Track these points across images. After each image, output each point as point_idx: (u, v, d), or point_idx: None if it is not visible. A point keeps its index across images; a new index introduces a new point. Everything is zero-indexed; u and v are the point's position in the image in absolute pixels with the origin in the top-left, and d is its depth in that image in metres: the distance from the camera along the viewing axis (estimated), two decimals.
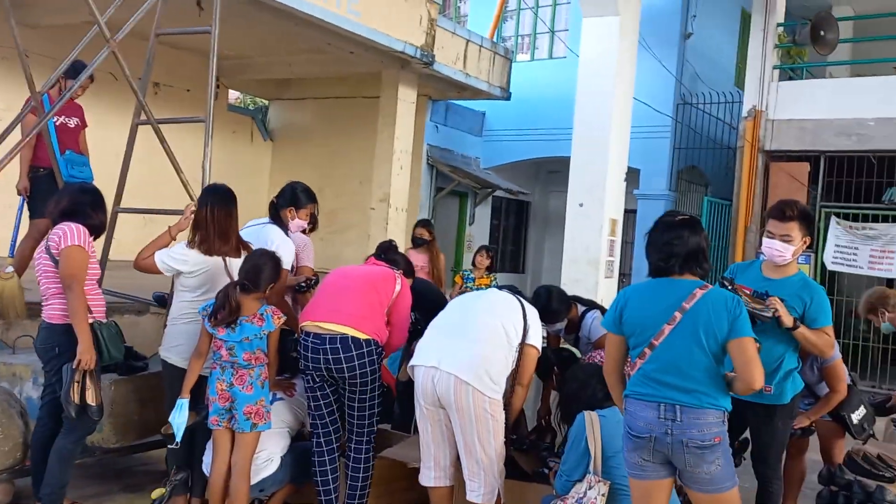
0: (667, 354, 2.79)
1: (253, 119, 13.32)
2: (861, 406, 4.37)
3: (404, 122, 10.30)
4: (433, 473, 3.70)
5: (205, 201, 3.95)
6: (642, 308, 2.89)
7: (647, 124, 11.01)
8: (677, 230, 2.92)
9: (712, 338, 2.76)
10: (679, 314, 2.78)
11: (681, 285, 2.86)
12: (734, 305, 2.82)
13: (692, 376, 2.76)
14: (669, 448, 2.75)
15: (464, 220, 13.50)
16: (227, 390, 3.64)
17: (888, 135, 9.74)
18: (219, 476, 3.66)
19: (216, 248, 3.87)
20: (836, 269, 10.20)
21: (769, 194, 10.57)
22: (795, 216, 3.65)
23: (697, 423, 2.72)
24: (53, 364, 3.65)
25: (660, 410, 2.77)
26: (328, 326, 3.74)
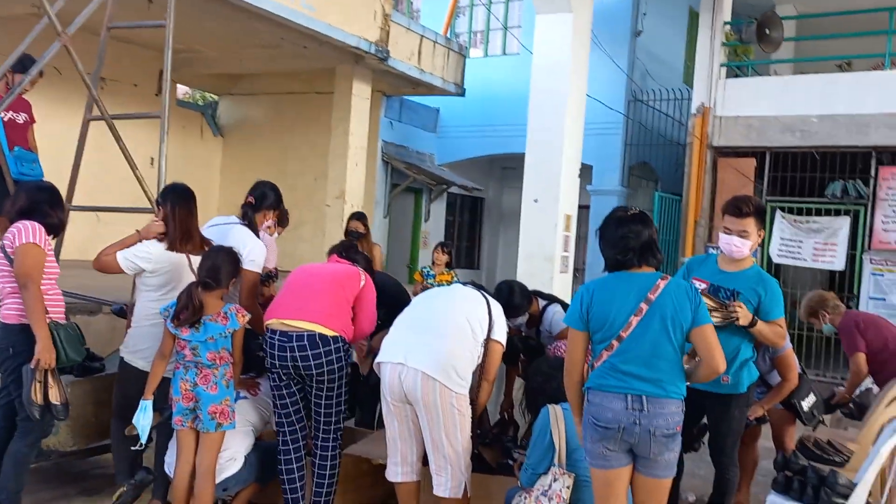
0: (634, 345, 2.84)
1: (203, 114, 13.09)
2: (811, 394, 4.53)
3: (359, 119, 10.26)
4: (400, 469, 3.71)
5: (166, 200, 3.91)
6: (608, 302, 2.92)
7: (599, 121, 11.18)
8: (630, 225, 2.98)
9: (678, 327, 2.83)
10: (645, 305, 2.83)
11: (643, 277, 2.92)
12: (694, 294, 2.92)
13: (658, 366, 2.82)
14: (637, 437, 2.80)
15: (419, 216, 13.51)
16: (191, 390, 3.58)
17: (830, 131, 10.07)
18: (183, 476, 3.60)
19: (179, 247, 3.83)
20: (781, 262, 10.50)
21: (717, 189, 10.84)
22: (751, 212, 3.77)
23: (663, 413, 2.79)
24: (8, 365, 3.54)
25: (627, 401, 2.82)
26: (295, 324, 3.71)
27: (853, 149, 10.05)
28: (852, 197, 10.19)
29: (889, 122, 9.76)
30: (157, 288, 3.84)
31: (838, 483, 3.33)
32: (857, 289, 10.07)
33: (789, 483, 3.47)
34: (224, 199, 12.78)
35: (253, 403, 3.89)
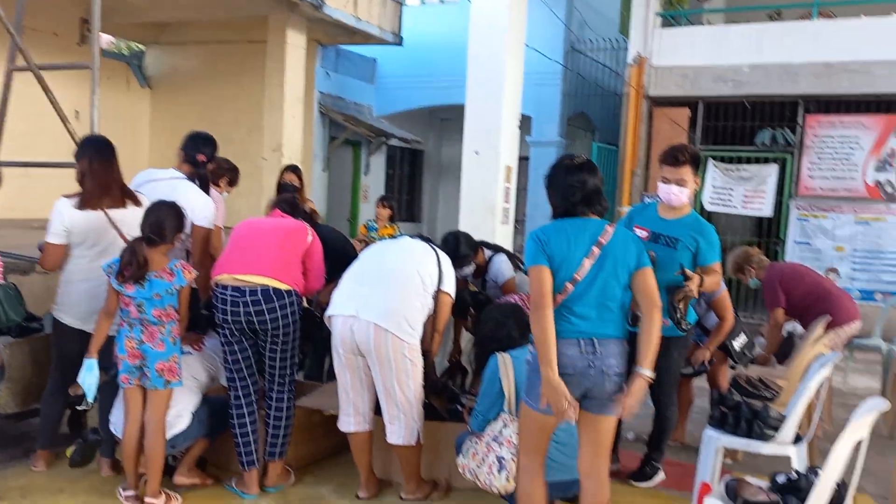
0: (587, 287, 2.89)
1: (129, 65, 12.57)
2: (741, 334, 4.75)
3: (294, 69, 10.01)
4: (353, 419, 3.75)
5: (83, 154, 3.78)
6: (563, 244, 2.94)
7: (538, 71, 11.17)
8: (578, 173, 3.02)
9: (625, 270, 2.92)
10: (597, 249, 2.89)
11: (592, 223, 2.98)
12: (638, 240, 3.06)
13: (609, 308, 2.90)
14: (592, 380, 2.86)
15: (358, 170, 13.37)
16: (138, 348, 3.51)
17: (761, 80, 10.33)
18: (132, 435, 3.56)
19: (96, 203, 3.71)
20: (713, 210, 10.82)
21: (653, 139, 11.04)
22: (688, 160, 3.88)
23: (614, 353, 2.87)
24: None
25: (580, 346, 2.87)
26: (247, 278, 3.67)
27: (782, 98, 10.35)
28: (781, 145, 10.53)
29: (816, 70, 10.06)
30: (76, 246, 3.75)
31: (770, 416, 3.51)
32: (783, 234, 10.48)
33: (724, 418, 3.64)
34: (154, 152, 12.38)
35: (198, 359, 3.84)
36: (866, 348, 7.12)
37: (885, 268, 9.99)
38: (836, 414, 5.65)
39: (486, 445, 3.43)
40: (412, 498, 3.78)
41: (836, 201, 10.15)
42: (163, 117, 12.57)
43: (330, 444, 4.35)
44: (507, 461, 3.33)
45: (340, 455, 4.36)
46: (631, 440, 4.90)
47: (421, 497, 3.80)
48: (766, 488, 2.81)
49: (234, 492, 3.77)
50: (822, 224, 10.26)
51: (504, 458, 3.34)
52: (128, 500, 3.56)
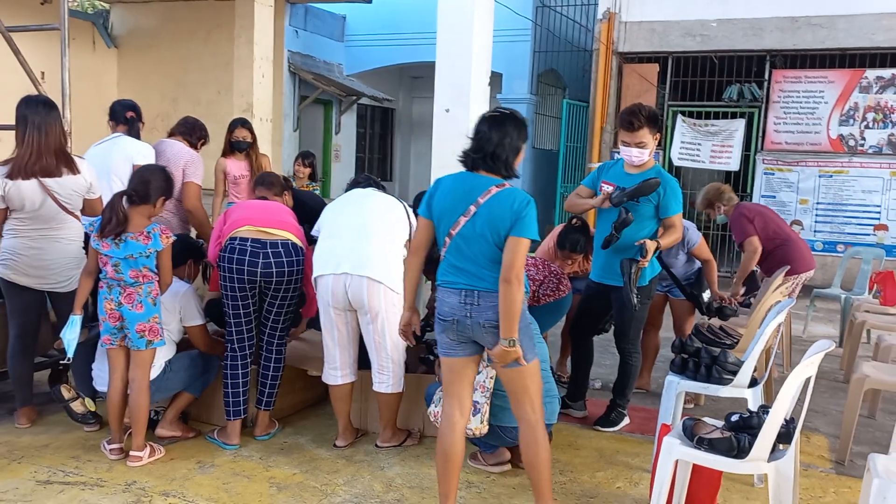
0: (463, 244, 2.92)
1: (94, 24, 12.33)
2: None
3: (263, 27, 9.87)
4: (339, 373, 3.89)
5: (18, 119, 3.78)
6: (445, 198, 2.96)
7: (507, 27, 11.15)
8: (481, 125, 2.95)
9: (495, 233, 2.87)
10: (474, 208, 2.88)
11: (480, 181, 2.93)
12: (521, 207, 2.85)
13: (483, 265, 2.90)
14: (470, 329, 2.94)
15: (329, 129, 13.33)
16: (116, 309, 3.57)
17: (728, 35, 10.44)
18: (116, 392, 3.65)
19: (27, 172, 3.75)
20: (681, 165, 11.00)
21: (622, 95, 11.13)
22: (643, 123, 3.97)
23: (493, 307, 2.87)
24: None
25: (461, 296, 2.91)
26: (271, 231, 3.83)
27: (749, 52, 10.48)
28: (747, 100, 10.69)
29: (782, 25, 10.18)
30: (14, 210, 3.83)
31: (728, 361, 3.69)
32: (750, 188, 10.70)
33: (685, 364, 3.82)
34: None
35: (168, 310, 3.81)
36: (826, 297, 7.39)
37: (847, 220, 10.27)
38: (795, 360, 5.88)
39: None
40: (387, 445, 3.94)
41: (800, 155, 10.38)
42: (130, 77, 12.41)
43: (307, 397, 4.50)
44: (481, 404, 3.48)
45: (317, 407, 4.51)
46: (597, 388, 5.10)
47: (395, 444, 3.95)
48: (721, 427, 2.99)
49: (215, 443, 3.90)
50: (787, 177, 10.49)
51: (478, 403, 3.48)
52: (112, 452, 3.67)
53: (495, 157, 2.91)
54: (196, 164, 4.72)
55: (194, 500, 3.31)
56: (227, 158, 5.67)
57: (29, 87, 4.67)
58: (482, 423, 3.49)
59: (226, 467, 3.66)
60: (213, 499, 3.33)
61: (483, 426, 3.50)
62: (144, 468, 3.59)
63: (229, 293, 3.84)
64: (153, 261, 3.61)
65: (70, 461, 3.63)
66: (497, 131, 2.91)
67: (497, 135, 2.91)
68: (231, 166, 5.64)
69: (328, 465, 3.75)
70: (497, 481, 3.64)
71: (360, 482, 3.56)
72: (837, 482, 3.79)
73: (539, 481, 3.08)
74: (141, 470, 3.57)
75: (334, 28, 13.09)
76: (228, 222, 3.93)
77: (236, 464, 3.71)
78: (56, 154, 3.80)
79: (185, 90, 11.98)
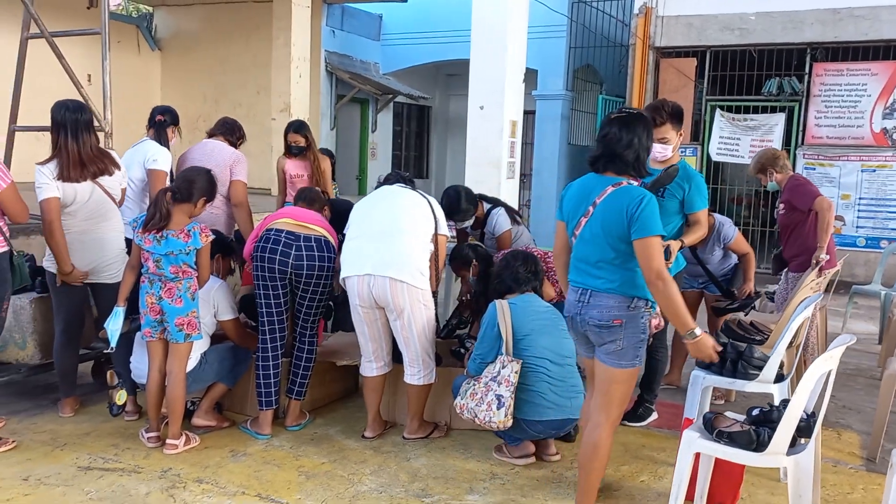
0: (582, 244, 3.02)
1: (138, 28, 12.66)
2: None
3: (300, 28, 10.05)
4: (375, 365, 4.01)
5: (56, 121, 3.91)
6: (571, 201, 3.06)
7: (543, 24, 11.15)
8: (609, 127, 2.98)
9: (609, 233, 2.91)
10: (592, 208, 2.95)
11: (600, 182, 2.99)
12: (634, 206, 2.82)
13: (597, 265, 2.97)
14: (580, 326, 3.04)
15: (366, 127, 13.46)
16: (157, 303, 3.72)
17: (767, 28, 10.27)
18: (154, 383, 3.81)
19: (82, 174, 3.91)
20: (720, 160, 10.87)
21: (659, 90, 11.03)
22: (666, 119, 3.93)
23: (599, 306, 2.95)
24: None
25: (577, 294, 3.02)
26: (307, 225, 3.97)
27: (789, 45, 10.30)
28: (787, 94, 10.51)
29: (822, 17, 9.99)
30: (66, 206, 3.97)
31: (754, 356, 3.68)
32: None
33: None
34: None
35: (203, 304, 3.94)
36: (867, 294, 7.25)
37: (891, 215, 10.05)
38: None
39: (484, 385, 3.64)
40: (414, 437, 4.02)
41: (842, 149, 10.17)
42: (173, 79, 12.70)
43: (337, 389, 4.60)
44: (506, 398, 3.54)
45: (347, 399, 4.62)
46: None
47: (422, 436, 4.03)
48: (742, 421, 2.99)
49: (248, 433, 4.02)
50: (828, 172, 10.29)
51: (503, 396, 3.55)
52: (150, 440, 3.81)
53: (624, 158, 2.93)
54: (242, 162, 4.92)
55: (226, 486, 3.43)
56: (286, 158, 5.84)
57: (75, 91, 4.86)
58: (506, 417, 3.55)
59: (257, 456, 3.78)
60: (245, 486, 3.44)
61: (507, 419, 3.55)
62: (179, 456, 3.73)
63: (261, 283, 3.96)
64: (192, 258, 3.74)
65: (110, 448, 3.79)
66: (627, 132, 2.94)
67: (627, 136, 2.93)
68: (289, 166, 5.81)
69: (356, 455, 3.84)
70: (521, 473, 3.69)
71: (387, 472, 3.64)
72: (867, 479, 3.75)
73: (585, 483, 3.11)
74: (176, 457, 3.71)
75: (371, 27, 13.21)
76: (267, 220, 4.07)
77: (267, 453, 3.82)
78: (96, 156, 3.96)
79: (225, 91, 12.23)
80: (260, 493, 3.37)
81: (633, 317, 2.92)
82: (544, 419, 3.64)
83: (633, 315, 2.92)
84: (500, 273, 3.97)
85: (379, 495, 3.39)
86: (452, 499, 3.39)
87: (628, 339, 2.93)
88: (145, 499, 3.28)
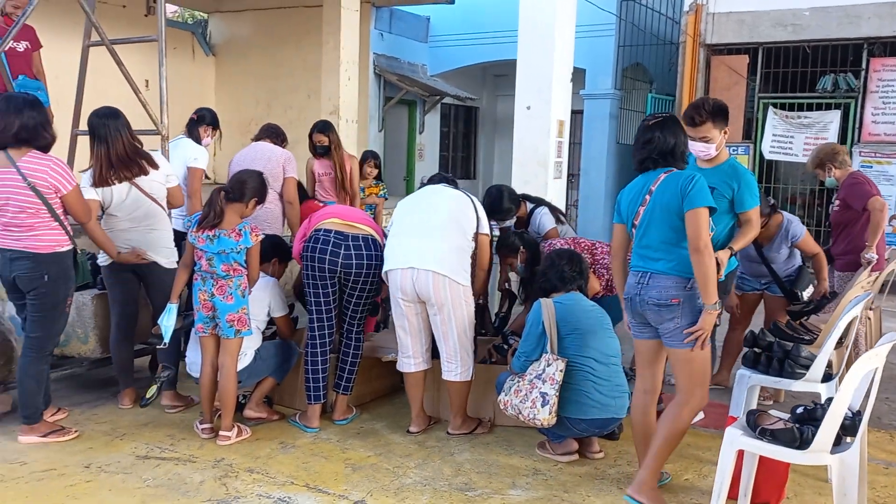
0: (642, 231, 3.26)
1: (193, 34, 12.99)
2: (811, 285, 4.80)
3: (349, 31, 10.18)
4: (413, 361, 4.09)
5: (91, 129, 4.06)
6: (626, 199, 3.37)
7: (590, 23, 11.10)
8: (650, 132, 3.29)
9: (668, 214, 3.16)
10: (648, 197, 3.23)
11: (653, 174, 3.29)
12: (686, 183, 3.13)
13: (658, 248, 3.20)
14: (639, 307, 3.26)
15: (413, 128, 13.56)
16: (209, 300, 3.86)
17: (821, 24, 10.04)
18: (207, 377, 3.96)
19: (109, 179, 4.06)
20: (773, 158, 10.66)
21: (710, 88, 10.87)
22: (706, 119, 3.79)
23: (658, 286, 3.18)
24: (40, 291, 3.78)
25: (637, 277, 3.27)
26: (356, 225, 4.08)
27: (844, 41, 10.05)
28: (843, 90, 10.25)
29: (880, 11, 9.72)
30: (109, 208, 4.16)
31: (801, 355, 3.64)
32: None
33: (757, 358, 3.78)
34: (220, 119, 12.78)
35: (255, 302, 4.07)
36: None
37: None
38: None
39: (529, 383, 3.67)
40: (458, 433, 4.08)
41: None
42: (226, 84, 13.00)
43: (383, 385, 4.69)
44: (551, 396, 3.58)
45: (393, 395, 4.70)
46: (672, 384, 5.06)
47: (466, 432, 4.09)
48: (786, 419, 2.97)
49: (297, 426, 4.14)
50: (886, 170, 10.00)
51: (547, 394, 3.59)
52: (204, 431, 3.96)
53: (674, 153, 3.27)
54: (293, 161, 5.19)
55: (276, 476, 3.54)
56: (314, 158, 5.98)
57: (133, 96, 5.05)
58: (551, 415, 3.58)
59: (305, 448, 3.89)
60: (293, 476, 3.55)
61: (552, 417, 3.58)
62: (232, 447, 3.86)
63: (311, 282, 4.07)
64: (243, 256, 3.87)
65: (166, 439, 3.94)
66: (670, 133, 3.28)
67: (671, 136, 3.28)
68: (317, 165, 5.95)
69: (401, 449, 3.92)
70: (564, 470, 3.72)
71: (431, 466, 3.71)
72: None
73: (654, 448, 3.26)
74: (229, 448, 3.84)
75: (418, 29, 13.31)
76: (314, 219, 4.17)
77: (315, 445, 3.93)
78: (130, 158, 4.09)
79: (277, 95, 12.46)
80: (308, 483, 3.48)
81: (689, 297, 3.15)
82: (588, 418, 3.66)
83: (690, 295, 3.15)
84: (545, 272, 4.00)
85: (423, 488, 3.46)
86: (495, 493, 3.44)
87: (685, 318, 3.14)
88: (199, 487, 3.41)
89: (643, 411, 3.45)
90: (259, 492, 3.38)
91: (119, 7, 10.58)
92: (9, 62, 5.02)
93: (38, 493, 3.31)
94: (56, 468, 3.56)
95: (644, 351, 3.41)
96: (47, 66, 5.43)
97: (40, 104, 3.84)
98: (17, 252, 3.74)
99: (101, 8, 10.13)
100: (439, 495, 3.40)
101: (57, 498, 3.29)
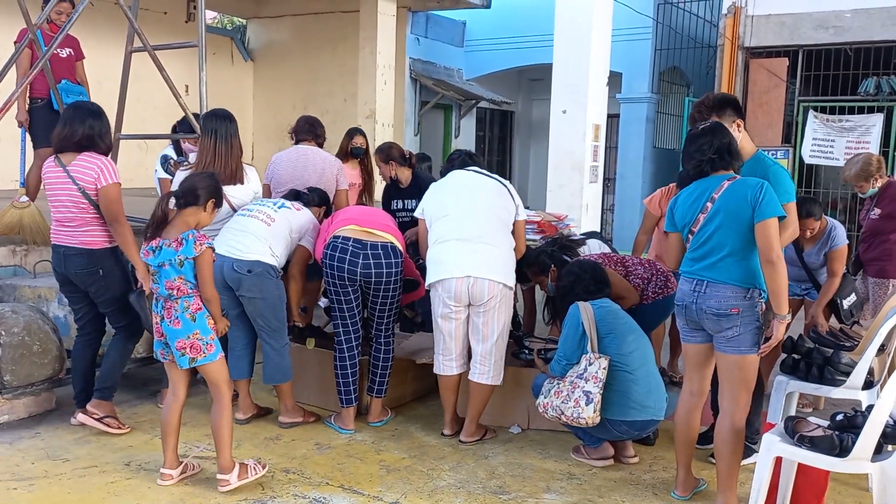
0: (701, 238, 3.22)
1: (232, 39, 13.19)
2: (853, 293, 4.69)
3: (385, 36, 10.27)
4: (455, 364, 4.07)
5: (211, 129, 4.15)
6: (685, 204, 3.33)
7: (627, 26, 11.02)
8: (699, 139, 3.30)
9: (738, 221, 3.12)
10: (710, 204, 3.20)
11: (713, 180, 3.25)
12: (757, 193, 3.11)
13: (718, 256, 3.16)
14: (695, 315, 3.23)
15: (449, 133, 13.61)
16: (160, 324, 3.34)
17: (864, 26, 9.85)
18: (168, 408, 3.44)
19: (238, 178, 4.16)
20: (813, 163, 10.48)
21: (749, 92, 10.74)
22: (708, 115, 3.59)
23: (716, 296, 3.14)
24: (98, 286, 3.90)
25: (692, 284, 3.23)
26: (374, 231, 4.07)
27: (888, 43, 9.85)
28: (886, 93, 10.05)
29: None
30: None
31: (841, 362, 3.59)
32: None
33: (796, 364, 3.73)
34: (258, 123, 13.02)
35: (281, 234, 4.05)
36: None
37: None
38: None
39: (570, 383, 3.65)
40: (471, 440, 4.05)
41: None
42: (264, 88, 13.18)
43: (416, 388, 4.72)
44: (595, 395, 3.55)
45: (427, 398, 4.73)
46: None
47: (478, 438, 4.08)
48: (826, 426, 2.93)
49: (332, 427, 4.18)
50: None
51: (591, 392, 3.56)
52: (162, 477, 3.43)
53: (730, 151, 3.27)
54: (343, 172, 5.04)
55: (311, 477, 3.58)
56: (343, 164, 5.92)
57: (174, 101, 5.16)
58: (595, 413, 3.54)
59: (341, 449, 3.93)
60: (329, 477, 3.59)
61: (596, 416, 3.55)
62: (268, 447, 3.91)
63: (333, 289, 4.10)
64: (190, 271, 3.27)
65: (203, 438, 4.00)
66: (721, 135, 3.28)
67: (723, 137, 3.27)
68: (349, 173, 5.88)
69: (435, 451, 3.94)
70: (598, 475, 3.70)
71: (465, 468, 3.72)
72: None
73: (720, 471, 3.27)
74: (265, 448, 3.90)
75: (454, 34, 13.36)
76: (334, 223, 4.18)
77: (350, 447, 3.97)
78: (237, 163, 4.20)
79: (314, 99, 12.60)
80: (343, 484, 3.51)
81: (749, 306, 3.13)
82: (629, 419, 3.64)
83: (750, 304, 3.13)
84: (572, 287, 3.97)
85: (457, 490, 3.47)
86: (529, 496, 3.44)
87: (745, 326, 3.12)
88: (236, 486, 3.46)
89: (688, 412, 3.43)
90: (295, 492, 3.43)
91: (160, 14, 10.80)
92: (52, 66, 5.16)
93: (80, 489, 3.40)
94: (97, 465, 3.65)
95: (693, 354, 3.39)
96: (91, 72, 5.57)
97: (103, 114, 3.94)
98: (72, 248, 3.85)
99: (143, 15, 10.30)
100: (473, 498, 3.41)
101: (98, 494, 3.36)
